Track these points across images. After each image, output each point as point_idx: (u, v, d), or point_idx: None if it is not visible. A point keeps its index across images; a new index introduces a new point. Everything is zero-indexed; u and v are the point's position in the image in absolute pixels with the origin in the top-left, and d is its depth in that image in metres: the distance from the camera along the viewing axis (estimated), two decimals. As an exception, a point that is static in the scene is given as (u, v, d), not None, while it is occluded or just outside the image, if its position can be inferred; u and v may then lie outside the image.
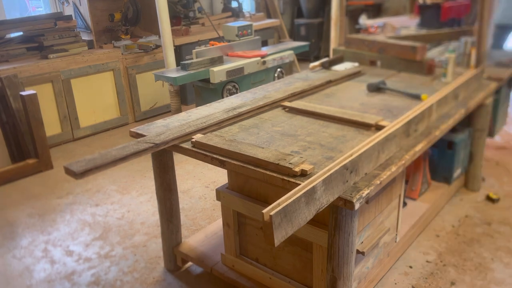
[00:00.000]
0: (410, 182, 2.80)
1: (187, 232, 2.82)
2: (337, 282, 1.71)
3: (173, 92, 3.84)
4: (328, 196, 1.47)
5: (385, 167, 1.72)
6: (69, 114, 4.39)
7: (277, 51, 4.31)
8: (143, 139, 1.90)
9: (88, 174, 1.62)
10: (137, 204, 3.22)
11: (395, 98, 2.49)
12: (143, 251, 2.66)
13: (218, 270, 2.23)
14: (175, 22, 5.12)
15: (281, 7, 7.46)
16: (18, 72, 3.92)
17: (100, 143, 4.43)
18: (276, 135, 2.03)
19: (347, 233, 1.63)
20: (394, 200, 2.19)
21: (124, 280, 2.41)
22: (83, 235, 2.85)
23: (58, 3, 5.25)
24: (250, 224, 2.11)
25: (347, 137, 1.98)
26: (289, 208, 1.31)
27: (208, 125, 2.08)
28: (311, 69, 3.22)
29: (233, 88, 3.92)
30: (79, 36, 4.64)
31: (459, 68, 2.93)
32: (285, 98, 2.49)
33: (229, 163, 1.79)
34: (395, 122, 1.95)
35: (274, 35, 6.50)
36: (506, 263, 2.40)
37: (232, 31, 4.28)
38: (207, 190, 3.37)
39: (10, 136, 3.77)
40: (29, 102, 3.64)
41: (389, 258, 2.28)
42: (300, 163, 1.65)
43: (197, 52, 3.85)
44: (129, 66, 4.76)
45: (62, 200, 3.33)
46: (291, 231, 1.33)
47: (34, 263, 2.59)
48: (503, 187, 3.19)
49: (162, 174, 2.24)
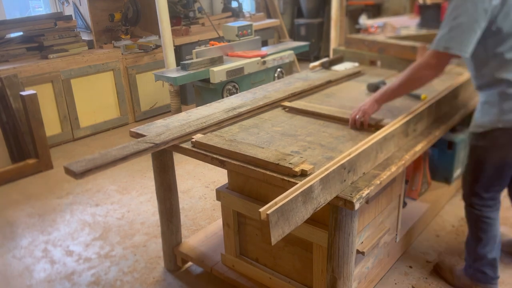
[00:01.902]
0: (410, 182, 2.80)
1: (187, 232, 2.82)
2: (337, 282, 1.71)
3: (173, 92, 3.84)
4: (326, 195, 1.47)
5: (385, 167, 1.73)
6: (69, 114, 4.39)
7: (277, 51, 4.31)
8: (143, 139, 1.90)
9: (88, 174, 1.62)
10: (137, 204, 3.22)
11: (395, 98, 2.48)
12: (143, 251, 2.66)
13: (218, 270, 2.23)
14: (175, 22, 5.12)
15: (281, 7, 7.46)
16: (18, 72, 3.92)
17: (100, 143, 4.43)
18: (276, 135, 2.03)
19: (347, 233, 1.63)
20: (394, 200, 2.19)
21: (124, 280, 2.41)
22: (83, 235, 2.85)
23: (58, 3, 5.25)
24: (250, 224, 2.11)
25: (347, 137, 1.98)
26: (286, 207, 1.31)
27: (208, 125, 2.08)
28: (311, 69, 3.22)
29: (233, 88, 3.92)
30: (79, 36, 4.64)
31: (459, 68, 2.93)
32: (285, 98, 2.49)
33: (229, 163, 1.79)
34: (394, 121, 1.95)
35: (274, 35, 6.50)
36: (506, 263, 2.40)
37: (232, 31, 4.28)
38: (207, 190, 3.37)
39: (10, 136, 3.77)
40: (29, 102, 3.64)
41: (389, 258, 2.28)
42: (300, 163, 1.65)
43: (197, 52, 3.85)
44: (129, 66, 4.76)
45: (62, 200, 3.33)
46: (288, 230, 1.33)
47: (34, 263, 2.59)
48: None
49: (162, 174, 2.24)
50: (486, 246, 2.06)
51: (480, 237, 2.06)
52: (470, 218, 2.10)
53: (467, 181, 2.07)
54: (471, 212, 2.08)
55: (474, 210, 2.06)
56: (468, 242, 2.14)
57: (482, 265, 2.09)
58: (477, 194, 2.03)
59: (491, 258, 2.07)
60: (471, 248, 2.12)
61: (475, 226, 2.08)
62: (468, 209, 2.10)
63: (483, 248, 2.06)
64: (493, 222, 2.04)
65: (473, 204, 2.06)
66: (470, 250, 2.12)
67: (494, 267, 2.10)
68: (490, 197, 2.02)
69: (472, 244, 2.11)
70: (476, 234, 2.08)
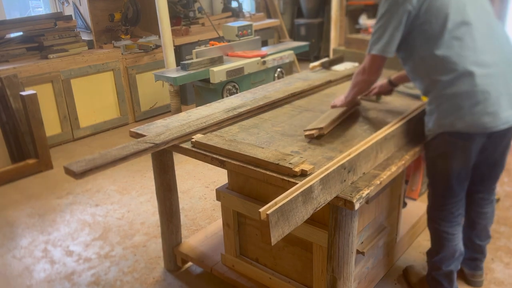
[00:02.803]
0: (410, 182, 2.80)
1: (187, 232, 2.82)
2: (337, 282, 1.71)
3: (173, 92, 3.84)
4: (326, 195, 1.47)
5: (385, 167, 1.72)
6: (69, 114, 4.39)
7: (277, 51, 4.31)
8: (143, 139, 1.90)
9: (88, 174, 1.62)
10: (137, 204, 3.22)
11: (395, 98, 2.49)
12: (143, 251, 2.66)
13: (218, 270, 2.23)
14: (175, 22, 5.12)
15: (281, 7, 7.46)
16: (18, 72, 3.92)
17: (100, 143, 4.43)
18: (276, 135, 2.03)
19: (347, 233, 1.63)
20: (394, 200, 2.19)
21: (124, 280, 2.41)
22: (83, 235, 2.85)
23: (58, 3, 5.25)
24: (250, 224, 2.11)
25: (348, 137, 1.98)
26: (286, 207, 1.31)
27: (208, 125, 2.08)
28: (311, 69, 3.22)
29: (233, 88, 3.92)
30: (79, 36, 4.64)
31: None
32: (285, 98, 2.49)
33: (229, 163, 1.79)
34: (394, 121, 1.95)
35: (274, 35, 6.50)
36: (506, 263, 2.40)
37: (232, 31, 4.28)
38: (207, 190, 3.37)
39: (10, 136, 3.77)
40: (29, 102, 3.64)
41: (389, 258, 2.28)
42: (300, 163, 1.65)
43: (197, 52, 3.85)
44: (129, 66, 4.76)
45: (62, 200, 3.33)
46: (288, 230, 1.33)
47: (34, 263, 2.59)
48: (503, 187, 3.19)
49: (162, 174, 2.24)
50: (444, 260, 2.00)
51: (437, 250, 2.01)
52: (429, 229, 2.05)
53: (428, 192, 2.02)
54: (430, 225, 2.02)
55: (433, 223, 2.00)
56: (429, 250, 2.09)
57: (438, 275, 2.04)
58: (436, 208, 1.97)
59: (447, 271, 2.02)
60: (429, 257, 2.08)
61: (433, 240, 2.03)
62: (428, 221, 2.04)
63: (440, 261, 2.01)
64: (451, 237, 1.96)
65: (432, 217, 2.00)
66: (429, 258, 2.08)
67: (450, 280, 2.03)
68: (448, 212, 1.93)
69: (431, 253, 2.07)
70: (434, 248, 2.04)
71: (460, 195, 1.91)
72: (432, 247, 2.06)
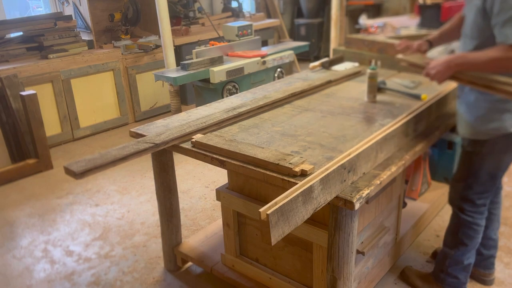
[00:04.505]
0: (410, 182, 2.80)
1: (187, 232, 2.82)
2: (337, 282, 1.71)
3: (173, 92, 3.84)
4: (326, 196, 1.47)
5: (385, 167, 1.72)
6: (69, 114, 4.39)
7: (277, 51, 4.31)
8: (143, 139, 1.90)
9: (88, 174, 1.62)
10: (137, 204, 3.22)
11: (395, 98, 2.49)
12: (143, 251, 2.66)
13: (218, 270, 2.23)
14: (175, 22, 5.12)
15: (281, 7, 7.46)
16: (18, 72, 3.92)
17: (100, 143, 4.43)
18: (276, 135, 2.03)
19: (347, 233, 1.63)
20: (394, 200, 2.19)
21: (124, 280, 2.41)
22: (83, 235, 2.85)
23: (58, 3, 5.25)
24: (250, 224, 2.11)
25: (348, 137, 1.98)
26: (286, 207, 1.31)
27: (208, 125, 2.08)
28: (311, 69, 3.22)
29: (233, 88, 3.92)
30: (79, 36, 4.64)
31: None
32: (285, 98, 2.49)
33: (229, 163, 1.79)
34: (394, 121, 1.95)
35: (274, 35, 6.50)
36: (506, 263, 2.40)
37: (232, 31, 4.28)
38: (207, 190, 3.37)
39: (10, 136, 3.77)
40: (29, 102, 3.64)
41: (389, 258, 2.28)
42: (300, 163, 1.65)
43: (197, 52, 3.85)
44: (129, 66, 4.76)
45: (62, 200, 3.33)
46: (288, 230, 1.33)
47: (34, 263, 2.59)
48: (503, 187, 3.18)
49: (162, 174, 2.24)
50: (467, 252, 2.03)
51: (465, 243, 2.02)
52: (457, 223, 2.04)
53: (458, 186, 2.02)
54: (461, 218, 2.02)
55: (464, 216, 2.00)
56: (445, 247, 2.09)
57: (457, 270, 2.06)
58: (470, 201, 1.98)
59: (467, 264, 2.05)
60: (447, 253, 2.08)
61: (462, 232, 2.03)
62: (457, 215, 2.04)
63: (463, 254, 2.03)
64: (480, 229, 2.01)
65: (464, 210, 2.01)
66: (446, 255, 2.08)
67: (468, 273, 2.08)
68: (482, 204, 1.98)
69: (450, 249, 2.07)
70: (460, 240, 2.03)
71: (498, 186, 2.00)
72: (453, 243, 2.06)
